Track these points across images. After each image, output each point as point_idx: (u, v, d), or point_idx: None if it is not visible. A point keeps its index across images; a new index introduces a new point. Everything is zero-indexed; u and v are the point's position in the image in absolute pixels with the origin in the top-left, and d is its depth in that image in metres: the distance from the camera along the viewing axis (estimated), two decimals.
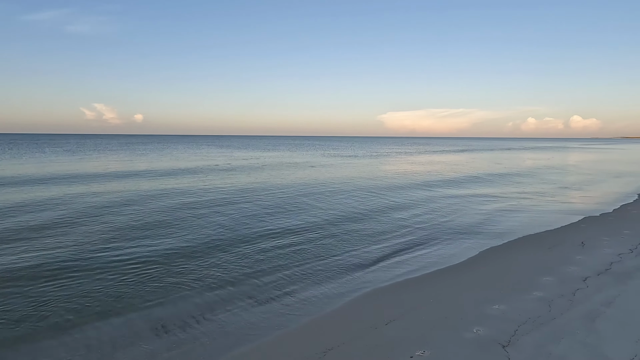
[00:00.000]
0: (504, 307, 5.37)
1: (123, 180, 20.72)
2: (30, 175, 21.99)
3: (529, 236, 9.57)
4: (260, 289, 6.50)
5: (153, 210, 12.51)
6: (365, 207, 13.63)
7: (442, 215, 12.34)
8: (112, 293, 6.18)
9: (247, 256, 8.08)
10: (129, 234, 9.68)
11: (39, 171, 24.54)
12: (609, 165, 34.07)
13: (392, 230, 10.48)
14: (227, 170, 27.02)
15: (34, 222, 10.63)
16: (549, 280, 6.36)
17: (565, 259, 7.47)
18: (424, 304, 5.62)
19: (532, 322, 4.90)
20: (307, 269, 7.43)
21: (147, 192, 16.35)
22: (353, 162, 38.25)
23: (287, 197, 15.50)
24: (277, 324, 5.29)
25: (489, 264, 7.47)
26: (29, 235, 9.39)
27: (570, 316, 5.04)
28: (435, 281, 6.64)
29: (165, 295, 6.15)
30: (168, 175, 23.28)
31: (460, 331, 4.72)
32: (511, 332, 4.65)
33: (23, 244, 8.62)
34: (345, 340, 4.62)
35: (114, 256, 7.92)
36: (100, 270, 7.12)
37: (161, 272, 7.09)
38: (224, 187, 18.20)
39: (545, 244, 8.63)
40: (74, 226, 10.35)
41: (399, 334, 4.73)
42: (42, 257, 7.74)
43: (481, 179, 22.99)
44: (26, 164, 29.84)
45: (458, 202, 14.88)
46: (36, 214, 11.64)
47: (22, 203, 13.36)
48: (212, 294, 6.27)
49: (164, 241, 9.06)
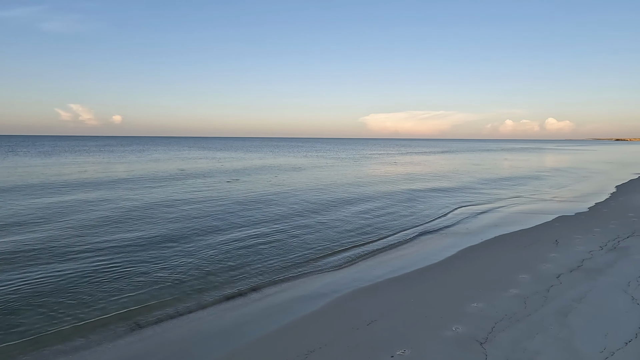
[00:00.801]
0: (482, 304, 5.50)
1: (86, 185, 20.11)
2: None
3: (506, 235, 9.84)
4: (237, 289, 6.43)
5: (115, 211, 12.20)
6: (344, 209, 13.70)
7: (420, 216, 12.54)
8: (86, 292, 6.00)
9: (223, 256, 7.99)
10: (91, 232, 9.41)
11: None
12: (582, 165, 35.45)
13: (372, 231, 10.58)
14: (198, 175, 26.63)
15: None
16: (525, 277, 6.55)
17: (540, 256, 7.72)
18: (405, 303, 5.70)
19: (508, 318, 5.04)
20: (287, 270, 7.41)
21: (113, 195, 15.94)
22: (338, 164, 38.39)
23: (263, 197, 15.42)
24: (255, 326, 5.25)
25: (468, 262, 7.64)
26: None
27: (545, 312, 5.21)
28: (415, 281, 6.73)
29: (139, 293, 6.02)
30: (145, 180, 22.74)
31: (439, 329, 4.81)
32: (488, 330, 4.76)
33: None
34: (327, 342, 4.62)
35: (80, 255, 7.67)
36: (72, 269, 6.89)
37: (133, 270, 6.93)
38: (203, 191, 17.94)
39: (522, 243, 8.89)
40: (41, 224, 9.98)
41: (381, 334, 4.78)
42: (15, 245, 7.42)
43: (460, 181, 23.49)
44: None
45: (437, 203, 15.15)
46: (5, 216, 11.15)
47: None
48: (187, 294, 6.19)
49: (135, 236, 8.84)
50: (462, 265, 7.46)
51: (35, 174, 24.18)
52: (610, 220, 10.93)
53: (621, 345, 4.33)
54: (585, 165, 36.04)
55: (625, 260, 7.32)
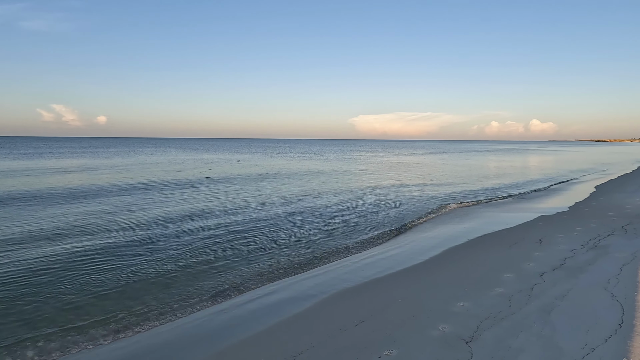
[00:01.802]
0: (468, 303, 5.57)
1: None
2: None
3: (490, 234, 10.00)
4: (222, 292, 6.38)
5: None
6: (332, 209, 13.72)
7: (406, 216, 12.65)
8: (67, 297, 5.86)
9: (207, 258, 7.91)
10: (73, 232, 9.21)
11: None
12: (564, 166, 36.34)
13: (357, 230, 10.62)
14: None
15: None
16: (509, 276, 6.67)
17: (524, 255, 7.87)
18: (392, 303, 5.73)
19: (493, 317, 5.12)
20: (273, 271, 7.38)
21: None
22: (329, 166, 38.44)
23: (255, 197, 15.33)
24: (242, 328, 5.21)
25: (454, 262, 7.74)
26: None
27: (528, 310, 5.31)
28: (402, 281, 6.79)
29: (122, 293, 5.91)
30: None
31: (426, 329, 4.85)
32: (474, 328, 4.83)
33: None
34: (315, 343, 4.61)
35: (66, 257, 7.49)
36: (53, 272, 6.72)
37: (115, 268, 6.80)
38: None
39: (506, 242, 9.05)
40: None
41: (368, 334, 4.79)
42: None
43: (445, 181, 23.80)
44: None
45: (421, 202, 15.31)
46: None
47: None
48: (172, 297, 6.11)
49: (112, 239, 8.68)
50: (448, 265, 7.55)
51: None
52: (591, 220, 11.22)
53: (601, 342, 4.44)
54: (567, 166, 36.96)
55: (606, 258, 7.52)
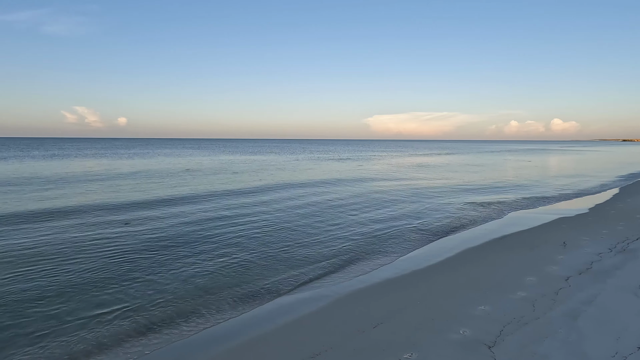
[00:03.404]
0: (489, 307, 5.42)
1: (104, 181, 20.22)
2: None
3: (510, 236, 9.74)
4: (240, 292, 6.40)
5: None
6: (344, 210, 13.64)
7: (423, 217, 12.45)
8: (94, 293, 5.99)
9: (227, 259, 7.96)
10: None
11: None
12: (584, 166, 35.15)
13: (372, 231, 10.51)
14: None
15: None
16: (532, 280, 6.46)
17: (547, 259, 7.62)
18: (410, 305, 5.63)
19: (516, 322, 4.96)
20: (286, 268, 7.37)
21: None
22: (343, 165, 38.36)
23: (275, 198, 15.40)
24: (254, 325, 5.22)
25: (472, 264, 7.56)
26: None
27: (553, 315, 5.12)
28: (419, 282, 6.66)
29: (144, 289, 6.01)
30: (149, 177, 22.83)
31: (446, 333, 4.74)
32: (496, 333, 4.69)
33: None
34: (333, 345, 4.57)
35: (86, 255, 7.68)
36: (78, 270, 6.90)
37: (137, 266, 6.91)
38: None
39: (527, 245, 8.79)
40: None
41: (386, 337, 4.71)
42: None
43: (463, 181, 23.35)
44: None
45: (439, 203, 15.05)
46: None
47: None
48: (184, 288, 6.16)
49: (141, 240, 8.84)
50: (467, 267, 7.38)
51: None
52: (618, 222, 10.79)
53: (633, 350, 4.24)
54: (588, 166, 35.73)
55: (635, 262, 7.20)
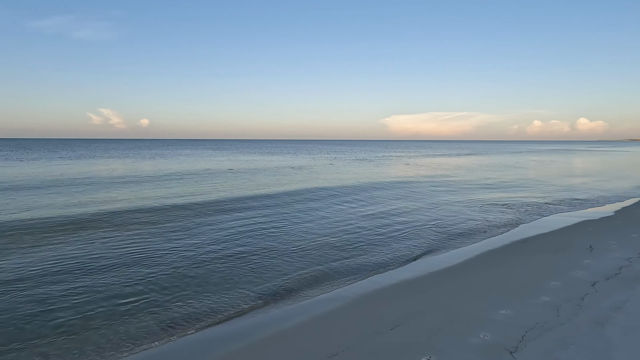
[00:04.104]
0: (510, 312, 5.29)
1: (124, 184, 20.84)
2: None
3: (532, 239, 9.48)
4: (252, 282, 6.48)
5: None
6: (365, 211, 13.57)
7: (439, 218, 12.25)
8: (119, 293, 6.20)
9: (244, 258, 8.06)
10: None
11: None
12: (611, 167, 33.74)
13: (392, 232, 10.42)
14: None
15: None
16: (556, 284, 6.27)
17: (572, 263, 7.37)
18: (428, 308, 5.56)
19: (539, 327, 4.82)
20: (306, 266, 7.41)
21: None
22: (364, 166, 38.22)
23: (297, 198, 15.49)
24: (271, 321, 5.26)
25: (493, 266, 7.39)
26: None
27: (579, 321, 4.95)
28: (438, 284, 6.57)
29: (168, 286, 6.16)
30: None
31: (466, 336, 4.65)
32: (518, 338, 4.57)
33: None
34: (350, 345, 4.56)
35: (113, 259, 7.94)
36: (104, 272, 7.14)
37: (158, 267, 7.10)
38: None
39: (551, 248, 8.52)
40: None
41: (404, 339, 4.67)
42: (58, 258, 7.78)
43: (484, 182, 22.84)
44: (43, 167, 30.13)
45: (459, 205, 14.78)
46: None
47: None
48: (207, 293, 6.27)
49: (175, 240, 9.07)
50: (487, 270, 7.22)
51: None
52: None
53: None
54: (615, 167, 34.28)
55: None
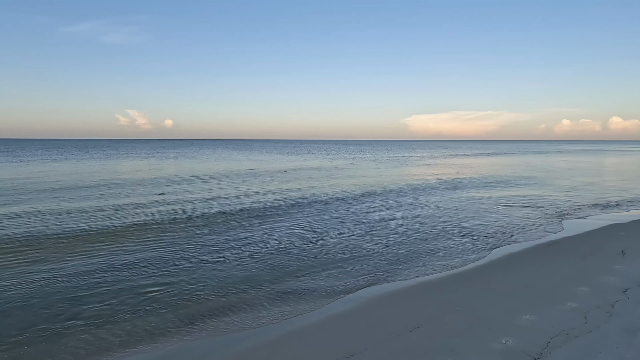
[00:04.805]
0: (535, 317, 5.13)
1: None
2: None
3: (558, 242, 9.14)
4: (273, 282, 6.55)
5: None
6: (383, 210, 13.45)
7: (461, 219, 11.99)
8: (141, 292, 6.42)
9: (262, 246, 8.17)
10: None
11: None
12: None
13: (413, 232, 10.29)
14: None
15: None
16: (584, 290, 6.03)
17: (602, 268, 7.06)
18: (448, 311, 5.46)
19: (565, 334, 4.66)
20: (321, 266, 7.42)
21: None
22: (384, 166, 37.92)
23: (322, 197, 15.55)
24: (286, 322, 5.31)
25: (516, 270, 7.17)
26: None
27: (608, 329, 4.75)
28: (458, 287, 6.44)
29: (191, 283, 6.33)
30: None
31: (487, 341, 4.55)
32: (543, 345, 4.43)
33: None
34: (367, 346, 4.55)
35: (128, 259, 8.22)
36: (125, 273, 7.41)
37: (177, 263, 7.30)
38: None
39: (578, 251, 8.19)
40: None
41: (423, 342, 4.61)
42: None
43: (507, 182, 22.17)
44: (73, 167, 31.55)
45: (481, 205, 14.41)
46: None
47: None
48: (224, 290, 6.39)
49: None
50: (510, 274, 7.02)
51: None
52: None
53: None
54: None
55: None
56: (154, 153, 62.50)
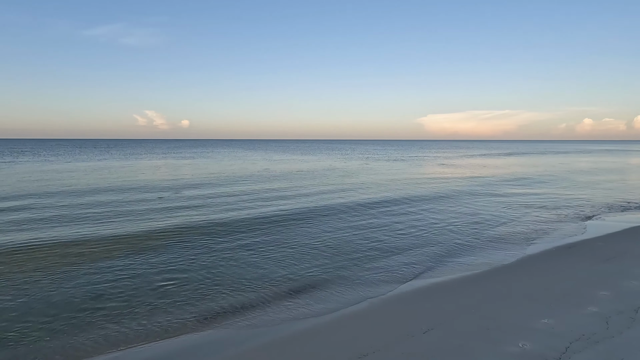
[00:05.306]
0: (553, 321, 5.00)
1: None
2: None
3: (578, 244, 8.88)
4: (279, 278, 6.59)
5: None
6: (401, 211, 13.34)
7: (477, 219, 11.77)
8: (155, 293, 6.57)
9: (277, 246, 8.22)
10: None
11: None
12: None
13: (429, 234, 10.17)
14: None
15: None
16: (605, 294, 5.84)
17: (625, 272, 6.83)
18: (463, 312, 5.38)
19: (586, 339, 4.52)
20: (335, 265, 7.42)
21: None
22: (399, 166, 37.64)
23: (342, 199, 15.57)
24: (302, 318, 5.31)
25: (534, 273, 7.01)
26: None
27: (631, 335, 4.59)
28: (474, 289, 6.33)
29: (205, 280, 6.44)
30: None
31: (503, 344, 4.46)
32: (562, 349, 4.31)
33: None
34: (381, 347, 4.52)
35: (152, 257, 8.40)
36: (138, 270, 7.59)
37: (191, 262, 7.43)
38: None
39: (600, 254, 7.94)
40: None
41: (437, 344, 4.56)
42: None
43: (526, 184, 21.66)
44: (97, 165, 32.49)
45: (497, 207, 14.12)
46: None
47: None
48: (238, 291, 6.46)
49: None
50: (528, 276, 6.86)
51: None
52: None
53: None
54: None
55: None
56: (171, 153, 63.71)
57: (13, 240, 9.27)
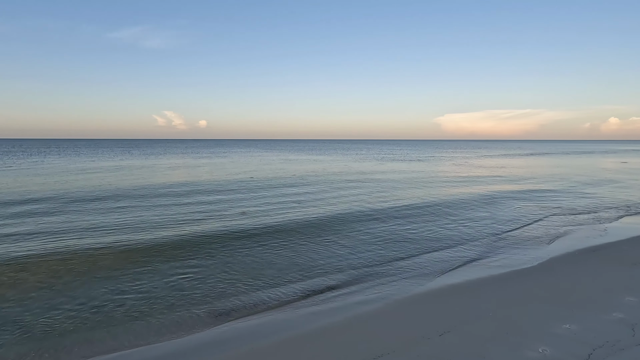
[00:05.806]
0: (576, 326, 4.85)
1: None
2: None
3: (602, 247, 8.56)
4: (292, 276, 6.60)
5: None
6: (422, 212, 13.19)
7: (497, 221, 11.51)
8: (168, 292, 6.71)
9: (288, 245, 8.26)
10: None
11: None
12: None
13: (449, 235, 10.02)
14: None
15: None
16: (632, 300, 5.62)
17: None
18: (480, 315, 5.28)
19: (610, 346, 4.36)
20: (352, 265, 7.39)
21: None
22: (416, 168, 37.24)
23: (361, 197, 15.56)
24: (315, 317, 5.34)
25: (556, 276, 6.80)
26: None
27: None
28: (492, 291, 6.20)
29: (223, 277, 6.54)
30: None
31: (522, 349, 4.35)
32: (584, 356, 4.18)
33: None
34: (395, 348, 4.49)
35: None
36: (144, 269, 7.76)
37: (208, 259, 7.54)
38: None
39: (626, 258, 7.64)
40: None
41: (453, 347, 4.49)
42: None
43: (550, 185, 21.03)
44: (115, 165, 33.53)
45: (520, 209, 13.76)
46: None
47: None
48: (255, 290, 6.52)
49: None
50: (549, 279, 6.67)
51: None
52: None
53: None
54: None
55: None
56: (190, 153, 64.89)
57: (46, 248, 9.63)
